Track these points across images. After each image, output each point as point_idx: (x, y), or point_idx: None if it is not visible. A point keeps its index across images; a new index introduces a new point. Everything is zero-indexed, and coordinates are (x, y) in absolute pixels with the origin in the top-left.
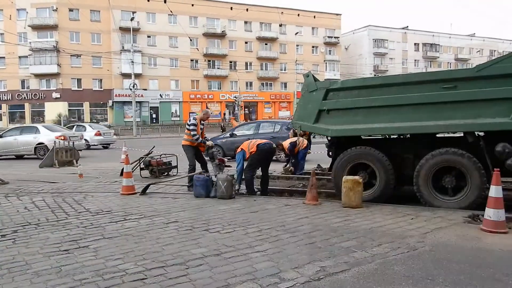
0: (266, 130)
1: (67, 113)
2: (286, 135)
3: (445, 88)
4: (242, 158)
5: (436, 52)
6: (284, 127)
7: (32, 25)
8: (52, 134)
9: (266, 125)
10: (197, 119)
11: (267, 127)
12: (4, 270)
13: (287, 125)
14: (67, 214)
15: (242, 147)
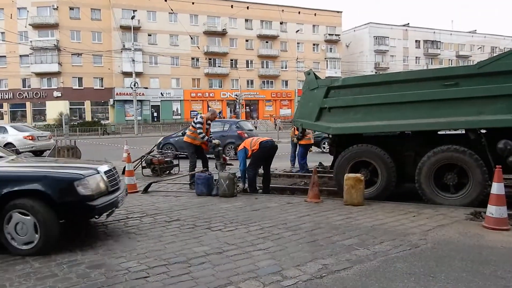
0: (217, 129)
1: (68, 112)
2: (235, 134)
3: (446, 85)
4: (244, 156)
5: (437, 49)
6: (233, 126)
7: (33, 24)
8: (20, 134)
9: (216, 124)
10: (203, 118)
11: (217, 126)
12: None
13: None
14: None
15: (244, 145)
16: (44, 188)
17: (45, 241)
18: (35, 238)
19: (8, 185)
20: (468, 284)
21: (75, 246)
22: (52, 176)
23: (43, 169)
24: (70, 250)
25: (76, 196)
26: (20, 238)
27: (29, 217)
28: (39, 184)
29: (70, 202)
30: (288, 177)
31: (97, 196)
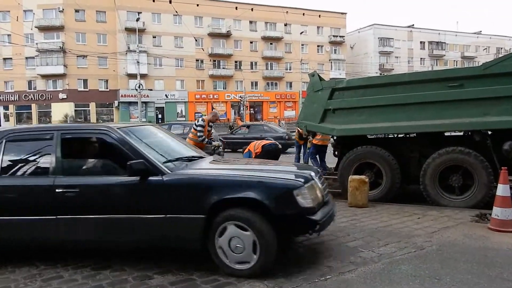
0: (177, 131)
1: (73, 114)
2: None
3: (451, 86)
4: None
5: (442, 50)
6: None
7: (38, 26)
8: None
9: (177, 127)
10: (205, 121)
11: (178, 128)
12: None
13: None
14: None
15: (249, 148)
16: (259, 196)
17: (264, 263)
18: (253, 258)
19: (221, 191)
20: (474, 286)
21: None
22: (268, 182)
23: (255, 173)
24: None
25: (297, 208)
26: (234, 255)
27: (248, 232)
28: (254, 192)
29: (289, 216)
30: None
31: (317, 208)
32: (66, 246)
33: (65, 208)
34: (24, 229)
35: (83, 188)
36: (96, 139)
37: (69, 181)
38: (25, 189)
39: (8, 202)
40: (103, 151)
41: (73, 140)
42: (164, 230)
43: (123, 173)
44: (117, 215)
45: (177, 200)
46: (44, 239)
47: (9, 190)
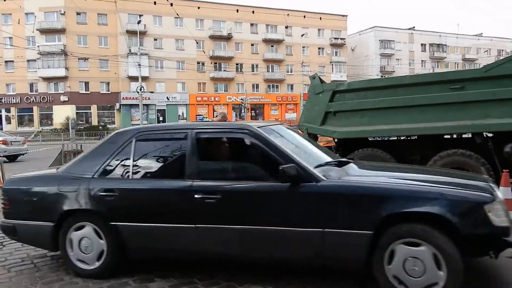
0: None
1: (75, 116)
2: None
3: (452, 88)
4: None
5: (443, 52)
6: None
7: (40, 29)
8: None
9: None
10: (214, 121)
11: None
12: (13, 273)
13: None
14: None
15: None
16: (443, 211)
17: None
18: (439, 276)
19: (395, 203)
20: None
21: None
22: (451, 194)
23: (432, 184)
24: None
25: (489, 227)
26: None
27: (423, 247)
28: (436, 206)
29: (480, 236)
30: None
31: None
32: (207, 258)
33: (205, 216)
34: (159, 237)
35: (225, 195)
36: (236, 139)
37: (209, 186)
38: (159, 193)
39: (141, 207)
40: (244, 153)
41: (210, 140)
42: (321, 246)
43: (269, 178)
44: (265, 226)
45: (337, 212)
46: (183, 250)
47: (142, 193)
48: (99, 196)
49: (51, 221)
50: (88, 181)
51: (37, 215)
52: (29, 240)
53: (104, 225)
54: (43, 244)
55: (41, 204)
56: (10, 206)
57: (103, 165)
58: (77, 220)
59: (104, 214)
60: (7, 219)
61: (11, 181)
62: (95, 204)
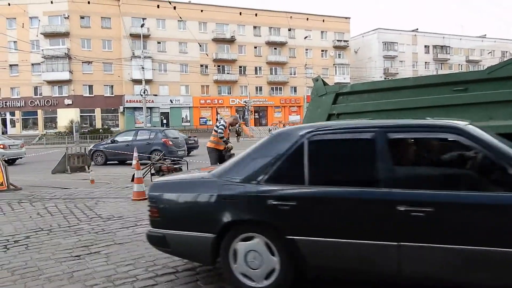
0: (144, 136)
1: (79, 120)
2: (160, 141)
3: (456, 90)
4: None
5: (447, 54)
6: (159, 134)
7: (44, 32)
8: None
9: (143, 132)
10: (226, 123)
11: (144, 134)
12: (17, 276)
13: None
14: (78, 220)
15: None
16: None
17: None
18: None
19: None
20: None
21: (83, 253)
22: None
23: None
24: (78, 257)
25: None
26: None
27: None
28: None
29: None
30: None
31: None
32: (407, 281)
33: (412, 233)
34: (348, 255)
35: (438, 207)
36: (440, 140)
37: (417, 196)
38: (348, 203)
39: (326, 219)
40: (453, 157)
41: (406, 141)
42: None
43: (491, 187)
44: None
45: None
46: (378, 271)
47: (327, 203)
48: (272, 205)
49: (212, 232)
50: (256, 187)
51: (193, 224)
52: (181, 252)
53: (277, 239)
54: (200, 257)
55: (198, 213)
56: (160, 214)
57: (271, 170)
58: (244, 230)
59: (278, 226)
60: (155, 228)
61: (157, 186)
62: (268, 214)
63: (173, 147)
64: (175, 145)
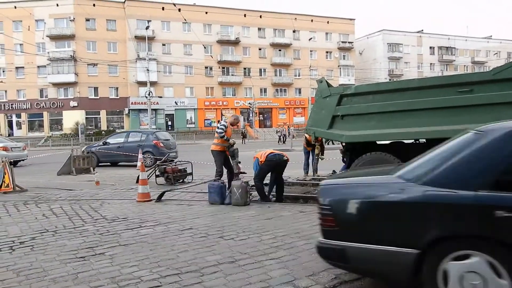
0: (135, 138)
1: (84, 121)
2: (151, 143)
3: (460, 92)
4: (257, 166)
5: (452, 55)
6: (150, 136)
7: (50, 35)
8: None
9: (135, 134)
10: (227, 123)
11: (135, 136)
12: (22, 277)
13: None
14: (83, 221)
15: (257, 156)
16: None
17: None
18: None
19: None
20: None
21: (88, 254)
22: None
23: None
24: (83, 258)
25: None
26: None
27: None
28: None
29: None
30: (301, 186)
31: None
32: None
33: None
34: None
35: None
36: None
37: None
38: None
39: None
40: None
41: None
42: None
43: None
44: None
45: None
46: None
47: None
48: (503, 217)
49: (414, 247)
50: (475, 195)
51: (386, 237)
52: (366, 268)
53: (507, 258)
54: (393, 275)
55: (393, 224)
56: (338, 223)
57: (493, 174)
58: (458, 247)
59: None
60: (330, 239)
61: (330, 189)
62: (495, 228)
63: (164, 149)
64: (165, 147)
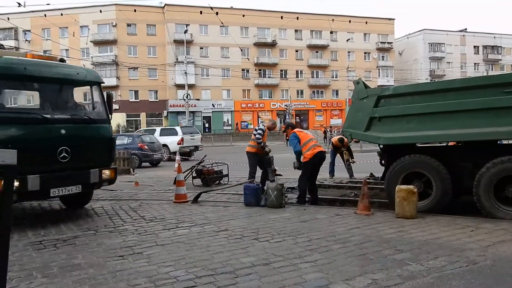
0: (122, 141)
1: (125, 124)
2: (136, 146)
3: (507, 92)
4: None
5: (498, 54)
6: (136, 139)
7: (93, 40)
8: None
9: (122, 137)
10: (265, 127)
11: (122, 139)
12: (65, 273)
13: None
14: (123, 221)
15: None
16: None
17: None
18: None
19: None
20: None
21: (126, 253)
22: None
23: None
24: (122, 257)
25: None
26: None
27: None
28: None
29: None
30: (337, 188)
31: None
32: None
33: None
34: None
35: None
36: None
37: None
38: None
39: None
40: None
41: None
42: None
43: None
44: None
45: None
46: None
47: None
48: None
49: None
50: None
51: None
52: None
53: None
54: None
55: None
56: None
57: None
58: None
59: None
60: None
61: None
62: None
63: (149, 151)
64: (150, 149)
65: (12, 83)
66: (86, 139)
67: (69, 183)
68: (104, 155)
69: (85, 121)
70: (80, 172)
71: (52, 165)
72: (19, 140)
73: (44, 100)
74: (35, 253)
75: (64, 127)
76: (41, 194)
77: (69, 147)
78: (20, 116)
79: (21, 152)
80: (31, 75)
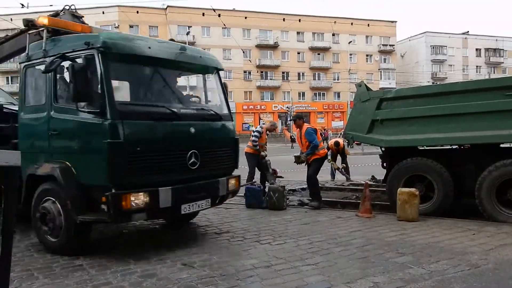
0: None
1: None
2: None
3: (509, 95)
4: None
5: (500, 57)
6: None
7: None
8: None
9: None
10: (263, 128)
11: None
12: (67, 274)
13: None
14: None
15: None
16: None
17: None
18: None
19: None
20: None
21: (129, 255)
22: None
23: None
24: (124, 259)
25: None
26: None
27: None
28: None
29: None
30: (339, 191)
31: None
32: None
33: None
34: None
35: None
36: None
37: None
38: None
39: None
40: None
41: None
42: None
43: None
44: None
45: None
46: None
47: None
48: None
49: None
50: None
51: None
52: None
53: None
54: None
55: None
56: None
57: None
58: None
59: None
60: None
61: None
62: None
63: None
64: None
65: (132, 68)
66: (214, 141)
67: (200, 197)
68: (229, 160)
69: (213, 117)
70: (209, 182)
71: (183, 173)
72: (148, 141)
73: (161, 90)
74: (37, 253)
75: (193, 124)
76: (172, 212)
77: (197, 150)
78: (148, 110)
79: (150, 156)
80: (156, 57)
